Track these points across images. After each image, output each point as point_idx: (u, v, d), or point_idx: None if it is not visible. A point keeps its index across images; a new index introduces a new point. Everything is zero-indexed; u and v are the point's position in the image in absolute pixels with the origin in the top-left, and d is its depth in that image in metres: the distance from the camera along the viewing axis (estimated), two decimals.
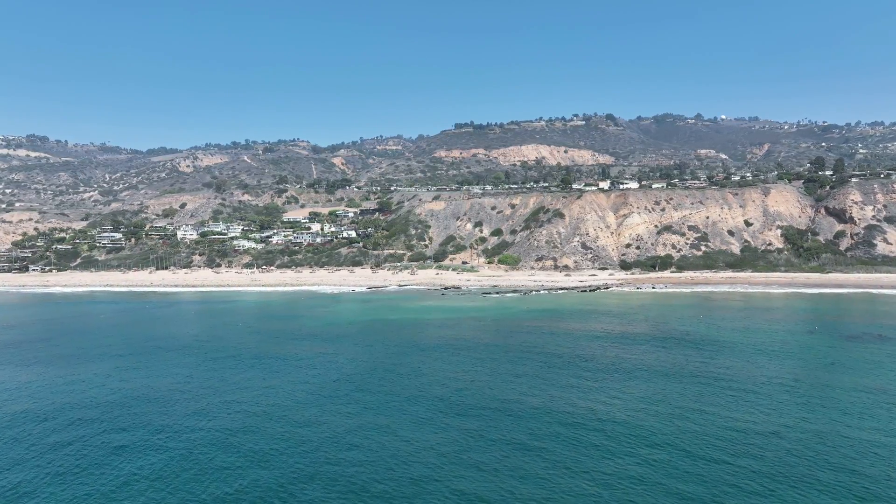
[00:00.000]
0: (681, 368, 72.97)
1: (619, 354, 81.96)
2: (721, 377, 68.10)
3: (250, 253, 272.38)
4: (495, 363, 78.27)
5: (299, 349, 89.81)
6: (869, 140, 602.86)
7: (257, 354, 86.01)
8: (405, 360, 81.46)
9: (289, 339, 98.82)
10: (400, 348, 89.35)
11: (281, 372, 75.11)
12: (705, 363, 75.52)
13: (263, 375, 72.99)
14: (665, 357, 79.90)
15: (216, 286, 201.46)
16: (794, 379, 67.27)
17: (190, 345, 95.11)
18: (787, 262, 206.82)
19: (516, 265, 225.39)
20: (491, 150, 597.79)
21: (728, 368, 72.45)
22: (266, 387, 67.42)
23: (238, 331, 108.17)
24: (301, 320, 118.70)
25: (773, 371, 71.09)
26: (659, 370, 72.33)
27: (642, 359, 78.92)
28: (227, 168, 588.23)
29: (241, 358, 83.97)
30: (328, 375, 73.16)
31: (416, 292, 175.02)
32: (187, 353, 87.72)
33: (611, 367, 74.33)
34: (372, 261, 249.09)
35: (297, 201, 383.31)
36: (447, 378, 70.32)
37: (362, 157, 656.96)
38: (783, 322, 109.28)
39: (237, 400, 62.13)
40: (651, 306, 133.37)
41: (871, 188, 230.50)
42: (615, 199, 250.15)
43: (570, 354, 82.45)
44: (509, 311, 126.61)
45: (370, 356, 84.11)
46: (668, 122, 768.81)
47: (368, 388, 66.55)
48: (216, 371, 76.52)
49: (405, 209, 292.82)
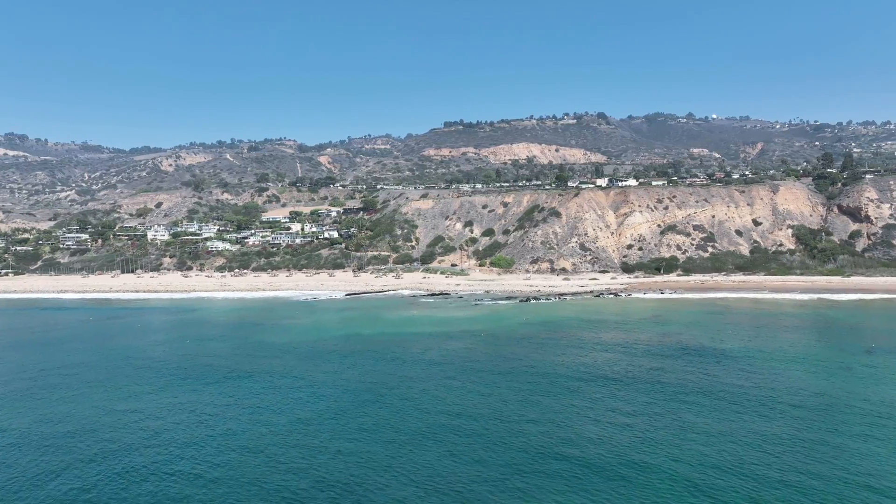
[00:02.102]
0: (744, 424, 56.51)
1: (649, 391, 65.43)
2: (808, 441, 51.72)
3: (224, 255, 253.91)
4: (494, 398, 61.53)
5: (253, 376, 72.66)
6: (862, 139, 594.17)
7: (194, 384, 68.77)
8: (381, 391, 64.58)
9: (239, 362, 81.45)
10: (375, 375, 72.33)
11: (222, 412, 57.98)
12: (775, 411, 59.12)
13: (197, 421, 55.79)
14: (717, 403, 63.37)
15: (181, 292, 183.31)
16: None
17: (109, 368, 77.63)
18: (802, 265, 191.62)
19: (510, 268, 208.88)
20: (481, 148, 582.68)
21: (809, 422, 56.06)
22: (202, 437, 50.29)
23: (179, 350, 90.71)
24: (261, 336, 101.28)
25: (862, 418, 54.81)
26: (716, 423, 55.83)
27: (679, 401, 62.37)
28: (209, 167, 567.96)
29: (168, 389, 66.69)
30: (280, 416, 56.20)
31: (401, 299, 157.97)
32: (101, 383, 70.26)
33: (641, 409, 57.77)
34: (354, 263, 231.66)
35: (279, 200, 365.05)
36: (434, 426, 53.43)
37: (349, 156, 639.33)
38: (830, 339, 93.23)
39: (158, 452, 44.98)
40: (666, 317, 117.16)
41: (888, 185, 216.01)
42: (615, 197, 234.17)
43: (589, 388, 65.85)
44: (505, 324, 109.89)
45: (337, 388, 67.11)
46: (659, 122, 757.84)
47: (332, 437, 49.71)
48: (139, 402, 59.36)
49: (391, 208, 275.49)
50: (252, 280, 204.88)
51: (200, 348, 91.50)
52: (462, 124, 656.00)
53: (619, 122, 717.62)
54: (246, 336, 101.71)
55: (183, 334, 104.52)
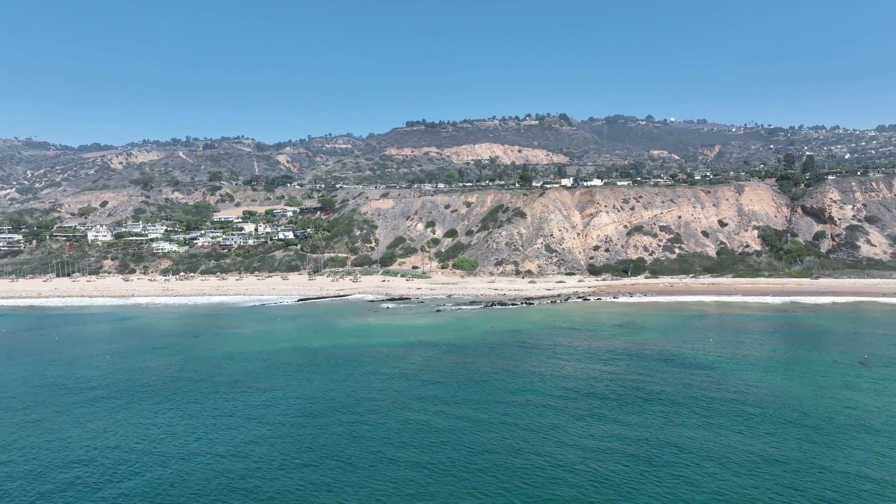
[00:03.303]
0: (741, 449, 48.58)
1: (637, 412, 57.13)
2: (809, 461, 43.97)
3: (171, 257, 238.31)
4: (459, 426, 52.22)
5: (175, 399, 61.73)
6: (813, 143, 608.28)
7: (99, 408, 57.55)
8: (324, 420, 54.61)
9: (161, 382, 70.16)
10: (319, 399, 62.23)
11: (130, 443, 47.20)
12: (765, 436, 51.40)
13: (97, 453, 44.85)
14: (714, 429, 55.44)
15: (119, 297, 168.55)
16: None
17: (6, 389, 65.53)
18: (769, 266, 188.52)
19: (473, 270, 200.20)
20: (444, 148, 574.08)
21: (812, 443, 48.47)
22: (102, 473, 39.57)
23: (92, 368, 78.67)
24: (194, 351, 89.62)
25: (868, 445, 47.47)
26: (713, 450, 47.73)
27: (673, 422, 54.23)
28: (160, 164, 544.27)
29: (68, 414, 55.34)
30: (200, 447, 45.82)
31: (357, 304, 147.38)
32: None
33: (631, 435, 49.34)
34: (310, 265, 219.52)
35: (233, 200, 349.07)
36: (385, 461, 43.86)
37: (309, 155, 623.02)
38: (818, 348, 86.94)
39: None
40: (640, 324, 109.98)
41: (850, 186, 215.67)
42: (580, 197, 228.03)
43: (566, 410, 57.12)
44: (469, 334, 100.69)
45: (273, 414, 56.80)
46: (619, 124, 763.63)
47: (258, 473, 39.71)
48: (39, 428, 48.03)
49: (349, 208, 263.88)
50: (198, 284, 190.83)
51: (120, 365, 79.68)
52: (424, 124, 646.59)
53: (581, 123, 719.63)
54: (177, 350, 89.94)
55: (104, 348, 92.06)
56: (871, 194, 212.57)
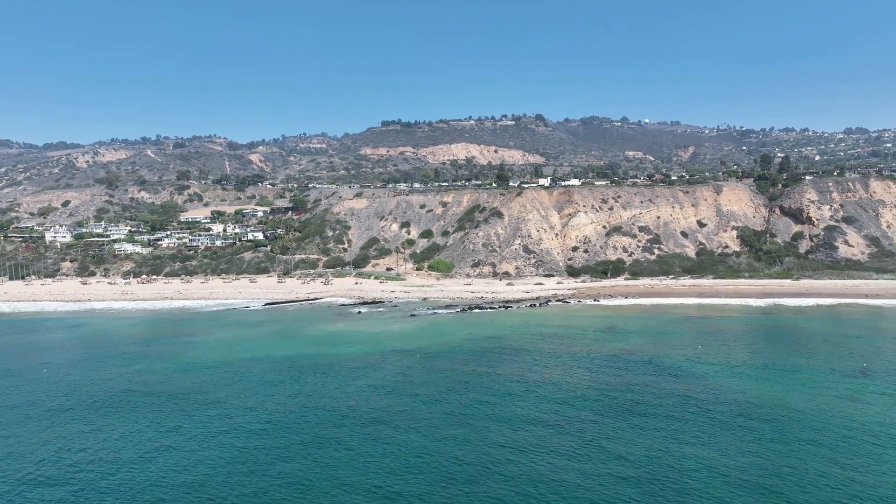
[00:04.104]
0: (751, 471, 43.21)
1: (634, 433, 51.57)
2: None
3: (133, 259, 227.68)
4: (438, 454, 46.04)
5: (114, 416, 54.39)
6: (784, 144, 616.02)
7: (32, 428, 50.01)
8: (282, 445, 47.90)
9: (103, 398, 62.68)
10: (276, 420, 55.43)
11: (48, 472, 40.01)
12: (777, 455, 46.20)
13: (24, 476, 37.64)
14: (716, 446, 50.07)
15: (74, 302, 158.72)
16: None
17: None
18: (749, 267, 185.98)
19: (449, 272, 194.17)
20: (419, 148, 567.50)
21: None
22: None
23: (30, 379, 70.73)
24: (143, 363, 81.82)
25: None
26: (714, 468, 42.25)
27: (676, 438, 48.77)
28: (127, 163, 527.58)
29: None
30: (141, 476, 38.86)
31: (328, 308, 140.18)
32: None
33: (632, 461, 43.70)
34: (280, 267, 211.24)
35: (201, 199, 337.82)
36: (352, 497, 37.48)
37: (283, 155, 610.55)
38: (811, 354, 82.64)
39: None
40: (624, 329, 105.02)
41: (827, 186, 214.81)
42: (559, 197, 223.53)
43: (552, 424, 51.30)
44: (445, 341, 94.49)
45: (223, 436, 49.91)
46: (595, 125, 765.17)
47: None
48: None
49: (322, 208, 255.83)
50: (160, 287, 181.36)
51: (57, 378, 71.84)
52: (400, 124, 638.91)
53: (556, 124, 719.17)
54: (125, 361, 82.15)
55: (44, 359, 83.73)
56: (848, 195, 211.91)
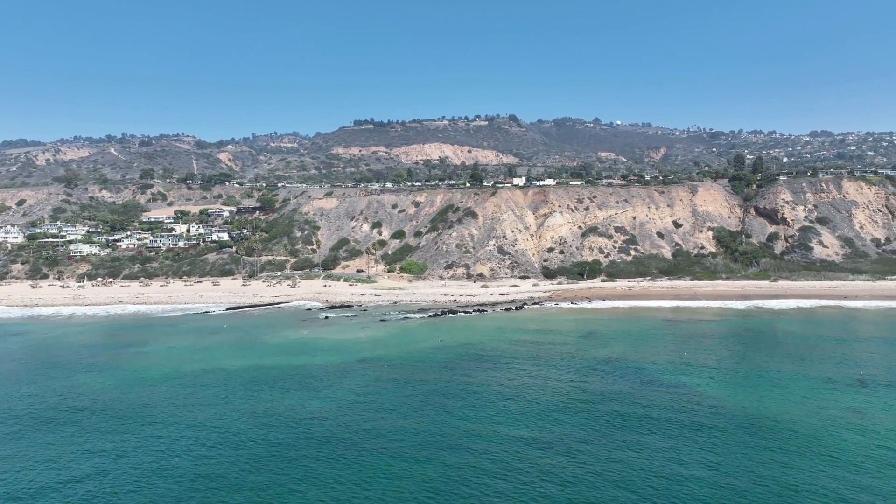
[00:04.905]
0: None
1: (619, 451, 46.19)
2: None
3: (90, 260, 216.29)
4: (407, 480, 39.96)
5: (42, 435, 46.98)
6: (753, 146, 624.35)
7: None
8: (223, 475, 41.24)
9: (32, 416, 55.08)
10: (221, 445, 48.69)
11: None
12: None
13: None
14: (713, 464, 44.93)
15: (20, 307, 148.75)
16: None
17: None
18: (726, 268, 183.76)
19: (422, 274, 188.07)
20: (392, 148, 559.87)
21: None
22: None
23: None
24: (82, 376, 74.00)
25: None
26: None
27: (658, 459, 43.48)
28: (89, 161, 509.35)
29: None
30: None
31: (293, 313, 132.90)
32: None
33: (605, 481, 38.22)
34: (246, 269, 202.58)
35: (165, 199, 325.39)
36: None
37: (253, 154, 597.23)
38: (802, 362, 78.69)
39: None
40: (604, 335, 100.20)
41: (801, 187, 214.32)
42: (534, 197, 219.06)
43: (537, 442, 45.63)
44: (416, 349, 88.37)
45: (150, 464, 42.98)
46: (567, 126, 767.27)
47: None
48: None
49: (290, 207, 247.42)
50: (116, 291, 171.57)
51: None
52: (373, 123, 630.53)
53: (530, 125, 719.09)
54: (63, 374, 74.31)
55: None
56: (822, 195, 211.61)
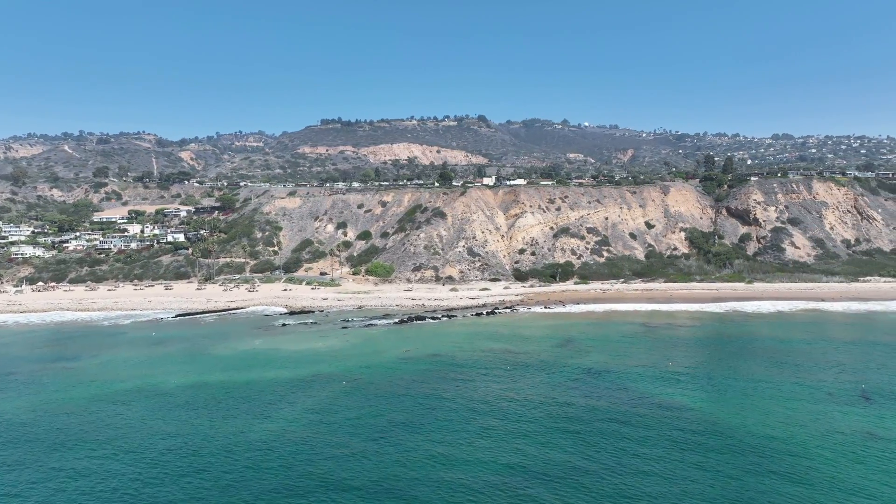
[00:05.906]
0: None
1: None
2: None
3: (33, 263, 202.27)
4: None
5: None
6: (717, 148, 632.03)
7: None
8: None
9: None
10: (148, 482, 40.25)
11: None
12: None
13: None
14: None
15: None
16: None
17: None
18: (700, 270, 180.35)
19: (389, 276, 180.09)
20: (360, 147, 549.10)
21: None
22: None
23: None
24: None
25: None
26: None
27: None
28: (41, 159, 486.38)
29: None
30: None
31: (248, 320, 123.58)
32: None
33: None
34: (202, 272, 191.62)
35: (120, 198, 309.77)
36: None
37: (216, 153, 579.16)
38: (797, 373, 73.41)
39: None
40: (580, 342, 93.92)
41: (772, 187, 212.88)
42: (504, 197, 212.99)
43: (525, 482, 38.50)
44: (379, 361, 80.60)
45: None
46: (536, 127, 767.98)
47: None
48: None
49: (251, 207, 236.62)
50: (58, 296, 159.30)
51: None
52: (340, 122, 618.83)
53: (499, 126, 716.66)
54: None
55: None
56: (793, 196, 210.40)
